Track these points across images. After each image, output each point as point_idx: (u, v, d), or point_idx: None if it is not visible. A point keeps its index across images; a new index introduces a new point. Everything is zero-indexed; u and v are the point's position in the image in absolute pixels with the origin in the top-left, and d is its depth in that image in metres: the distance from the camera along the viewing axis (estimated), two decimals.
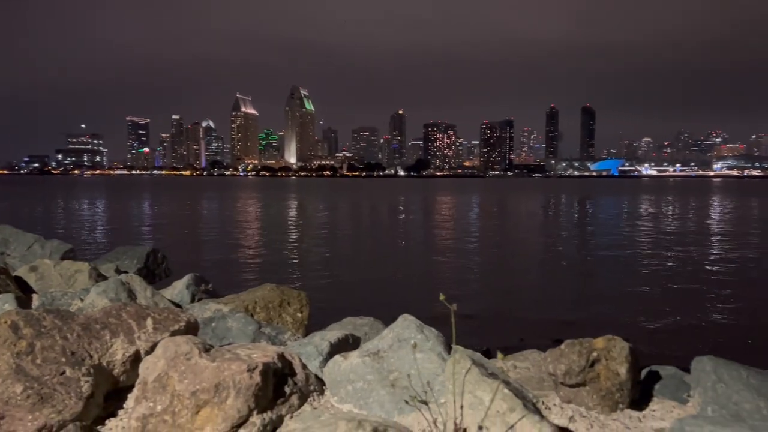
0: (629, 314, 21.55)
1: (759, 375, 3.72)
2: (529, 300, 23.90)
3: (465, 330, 17.97)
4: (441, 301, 2.92)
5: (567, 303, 23.35)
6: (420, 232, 51.71)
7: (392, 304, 18.70)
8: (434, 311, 21.12)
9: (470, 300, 23.48)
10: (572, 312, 21.72)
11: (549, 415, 3.75)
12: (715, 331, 19.22)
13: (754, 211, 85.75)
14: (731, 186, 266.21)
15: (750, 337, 18.58)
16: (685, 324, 20.11)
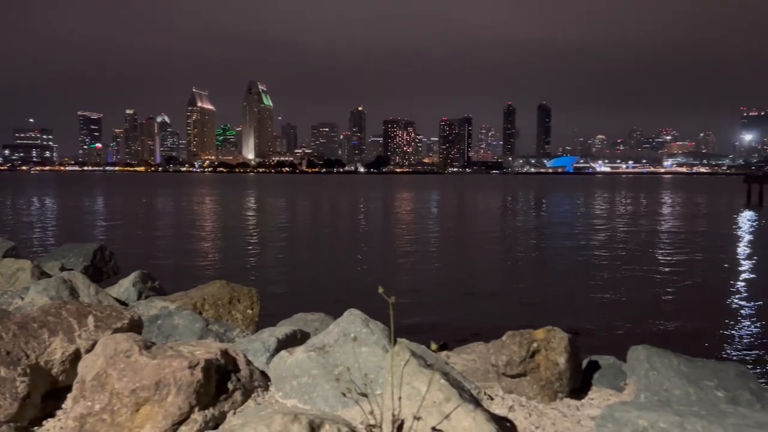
0: (574, 305, 22.16)
1: (689, 363, 3.86)
2: (481, 293, 24.29)
3: (419, 324, 18.15)
4: (380, 294, 2.94)
5: (517, 296, 23.83)
6: (378, 229, 51.86)
7: (346, 300, 18.67)
8: (387, 306, 21.12)
9: (425, 294, 23.72)
10: (521, 304, 22.20)
11: (491, 405, 3.83)
12: (653, 320, 19.94)
13: (700, 207, 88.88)
14: (680, 182, 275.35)
15: (685, 326, 19.34)
16: (625, 314, 20.79)
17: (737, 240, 44.12)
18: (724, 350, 16.78)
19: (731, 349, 16.93)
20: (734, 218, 64.81)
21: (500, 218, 66.92)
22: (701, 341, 17.46)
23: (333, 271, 28.59)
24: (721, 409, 2.94)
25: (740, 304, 22.69)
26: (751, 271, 30.30)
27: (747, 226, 55.81)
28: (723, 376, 3.75)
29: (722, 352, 16.46)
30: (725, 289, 25.47)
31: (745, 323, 19.83)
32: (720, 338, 17.98)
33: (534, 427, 3.45)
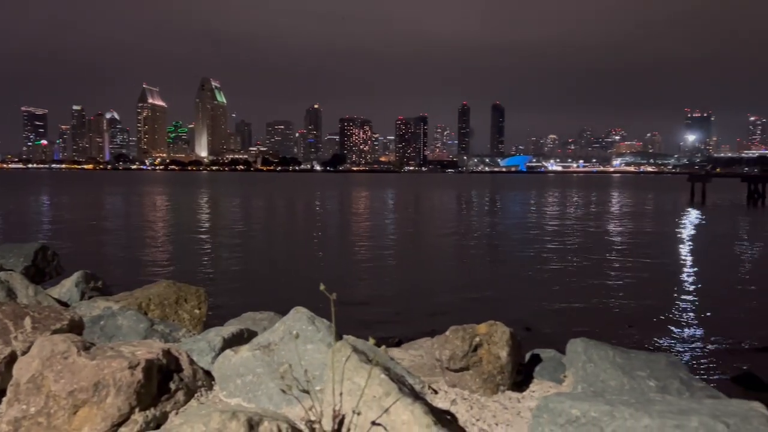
0: (522, 300, 22.66)
1: (624, 354, 4.01)
2: (433, 290, 24.57)
3: (370, 320, 18.23)
4: (322, 291, 2.96)
5: (468, 292, 24.18)
6: (333, 227, 51.73)
7: (297, 298, 18.57)
8: (343, 303, 21.11)
9: (378, 291, 23.84)
10: (472, 300, 22.56)
11: (434, 399, 3.89)
12: (596, 314, 20.59)
13: (646, 205, 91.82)
14: (628, 181, 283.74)
15: (624, 319, 20.03)
16: (570, 308, 21.38)
17: (680, 237, 45.77)
18: (658, 342, 17.41)
19: (664, 341, 17.59)
20: (679, 216, 67.19)
21: (454, 216, 67.65)
22: (638, 333, 18.11)
23: (285, 270, 28.40)
24: (650, 397, 3.07)
25: (677, 297, 23.55)
26: (689, 267, 31.49)
27: (690, 224, 57.95)
28: (655, 366, 3.92)
29: (656, 343, 17.06)
30: (665, 283, 26.40)
31: (679, 316, 20.61)
32: (655, 330, 18.65)
33: (475, 420, 3.52)
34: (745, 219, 64.69)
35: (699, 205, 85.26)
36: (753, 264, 32.40)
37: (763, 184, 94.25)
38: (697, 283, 27.02)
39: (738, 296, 23.84)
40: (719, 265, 31.51)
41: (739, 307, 21.93)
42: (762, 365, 15.12)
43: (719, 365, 15.64)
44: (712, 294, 24.34)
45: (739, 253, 36.88)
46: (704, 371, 15.24)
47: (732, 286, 25.93)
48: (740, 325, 19.02)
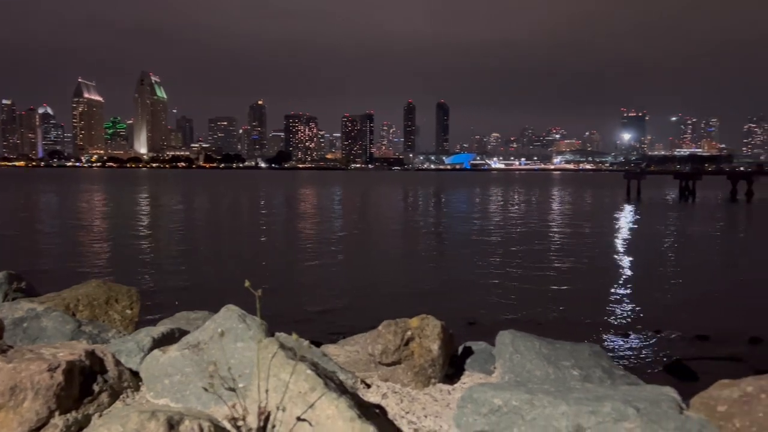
0: (458, 293, 23.13)
1: (549, 345, 4.14)
2: (373, 285, 24.75)
3: (311, 317, 18.25)
4: (248, 288, 2.93)
5: (407, 287, 24.48)
6: (276, 225, 51.22)
7: (234, 297, 18.41)
8: (284, 301, 21.07)
9: (318, 288, 23.84)
10: (410, 294, 22.87)
11: (366, 393, 3.91)
12: (530, 306, 21.24)
13: (585, 201, 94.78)
14: (568, 178, 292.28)
15: (558, 311, 20.72)
16: (505, 301, 21.96)
17: (615, 232, 47.47)
18: (592, 333, 18.03)
19: (600, 333, 18.25)
20: (615, 212, 69.66)
21: (399, 214, 68.10)
22: (573, 325, 18.76)
23: (225, 268, 27.93)
24: (570, 386, 3.18)
25: (612, 290, 24.45)
26: (623, 261, 32.72)
27: (625, 219, 60.19)
28: (579, 356, 4.06)
29: (590, 335, 17.64)
30: (600, 276, 27.36)
31: (614, 308, 21.41)
32: (590, 322, 19.34)
33: (404, 413, 3.56)
34: (677, 214, 67.68)
35: (634, 202, 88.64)
36: (683, 257, 33.94)
37: (693, 181, 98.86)
38: (631, 276, 28.10)
39: (670, 288, 24.93)
40: (651, 259, 32.86)
41: (670, 298, 22.95)
42: (691, 354, 15.87)
43: (652, 355, 16.32)
44: (645, 286, 25.37)
45: (671, 247, 38.57)
46: (637, 361, 15.87)
47: (664, 278, 27.09)
48: (671, 316, 19.89)
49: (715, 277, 27.86)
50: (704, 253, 35.62)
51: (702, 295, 23.70)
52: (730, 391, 3.61)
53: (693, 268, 30.25)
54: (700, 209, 76.00)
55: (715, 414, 3.54)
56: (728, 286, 25.57)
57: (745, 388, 3.57)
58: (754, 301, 22.65)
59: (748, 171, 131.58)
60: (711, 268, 30.36)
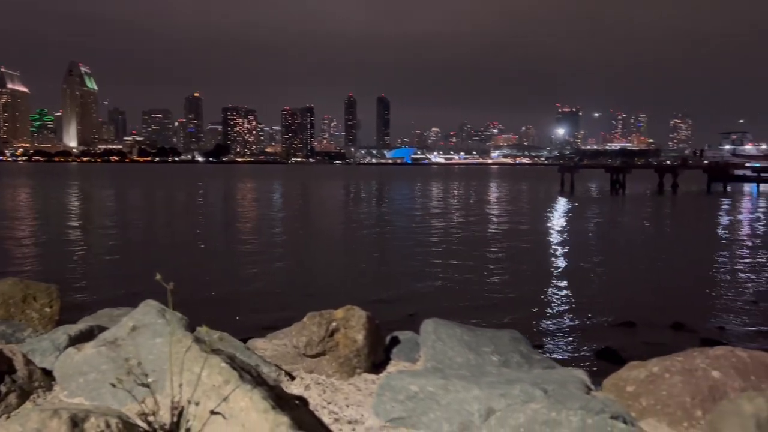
0: (391, 283, 23.42)
1: (471, 332, 4.23)
2: (308, 279, 24.72)
3: (242, 311, 18.05)
4: (158, 280, 2.87)
5: (339, 279, 24.57)
6: (211, 220, 50.23)
7: (162, 293, 18.01)
8: (215, 295, 20.73)
9: (253, 282, 23.60)
10: (342, 286, 22.97)
11: (289, 386, 3.90)
12: (461, 295, 21.77)
13: (522, 194, 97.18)
14: (505, 172, 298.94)
15: (484, 300, 21.28)
16: (436, 290, 22.40)
17: (549, 224, 48.92)
18: (515, 320, 18.56)
19: (521, 319, 18.80)
20: (549, 204, 71.76)
21: (336, 207, 67.98)
22: (498, 312, 19.39)
23: (154, 263, 27.15)
24: (486, 370, 3.27)
25: (545, 279, 25.20)
26: (556, 251, 33.79)
27: (559, 211, 62.11)
28: (499, 342, 4.17)
29: (513, 321, 18.12)
30: (532, 266, 28.17)
31: (538, 295, 22.11)
32: (515, 309, 19.96)
33: (326, 403, 3.57)
34: (607, 206, 70.35)
35: (568, 194, 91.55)
36: (612, 248, 35.33)
37: (623, 175, 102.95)
38: (562, 265, 29.05)
39: (599, 277, 25.91)
40: (582, 249, 34.05)
41: (600, 287, 23.87)
42: (618, 340, 16.55)
43: (582, 342, 16.91)
44: (576, 275, 26.27)
45: (601, 238, 40.08)
46: (567, 348, 16.43)
47: (594, 267, 28.12)
48: (601, 304, 20.68)
49: (642, 266, 29.12)
50: (632, 243, 37.19)
51: (629, 283, 24.76)
52: (638, 372, 3.80)
53: (621, 257, 31.55)
54: (630, 201, 79.27)
55: (624, 394, 3.72)
56: (654, 274, 26.80)
57: (652, 369, 3.76)
58: (678, 288, 23.85)
59: (674, 165, 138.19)
60: (638, 258, 31.72)
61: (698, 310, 20.09)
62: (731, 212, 62.84)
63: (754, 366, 3.49)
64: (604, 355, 15.28)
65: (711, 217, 56.68)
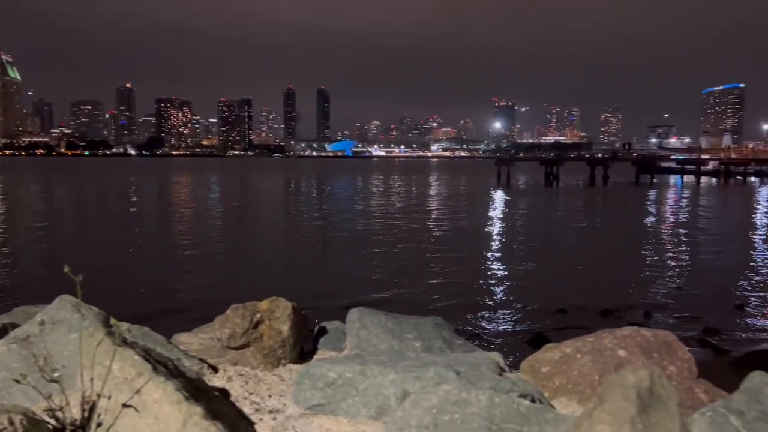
0: (318, 275, 23.53)
1: (395, 319, 4.31)
2: (241, 273, 24.43)
3: (169, 305, 17.68)
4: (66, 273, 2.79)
5: (273, 272, 24.41)
6: (141, 214, 48.76)
7: (88, 291, 17.41)
8: (143, 290, 20.20)
9: (182, 276, 23.14)
10: (274, 278, 22.84)
11: (212, 378, 3.86)
12: (385, 285, 22.02)
13: (460, 187, 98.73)
14: (445, 165, 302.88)
15: (417, 289, 21.64)
16: (365, 281, 22.56)
17: (485, 215, 49.95)
18: (441, 306, 18.96)
19: (447, 305, 19.23)
20: (486, 196, 73.25)
21: (273, 201, 67.27)
22: (430, 301, 19.74)
23: (79, 260, 26.17)
24: (405, 355, 3.34)
25: (474, 266, 25.78)
26: (491, 241, 34.56)
27: (495, 203, 63.51)
28: (422, 329, 4.27)
29: (446, 309, 18.47)
30: (468, 256, 28.72)
31: (473, 284, 22.60)
32: (450, 298, 20.35)
33: (248, 394, 3.56)
34: (542, 198, 72.41)
35: (504, 186, 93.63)
36: (545, 237, 36.43)
37: (557, 167, 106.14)
38: (498, 255, 29.74)
39: (532, 266, 26.67)
40: (516, 240, 34.96)
41: (533, 275, 24.57)
42: (550, 326, 17.10)
43: (516, 328, 17.39)
44: (510, 264, 26.95)
45: (535, 228, 41.23)
46: (501, 335, 16.85)
47: (528, 257, 28.92)
48: (534, 292, 21.30)
49: (574, 255, 30.16)
50: (565, 233, 38.46)
51: (562, 271, 25.61)
52: (552, 354, 3.97)
53: (554, 247, 32.58)
54: (563, 193, 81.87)
55: (539, 375, 3.88)
56: (585, 263, 27.80)
57: (565, 350, 3.94)
58: (608, 275, 24.83)
59: (605, 157, 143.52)
60: (571, 247, 32.85)
61: (626, 296, 20.99)
62: (658, 203, 65.93)
63: (657, 344, 3.72)
64: (534, 340, 15.78)
65: (639, 207, 59.26)
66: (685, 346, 3.76)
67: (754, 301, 20.82)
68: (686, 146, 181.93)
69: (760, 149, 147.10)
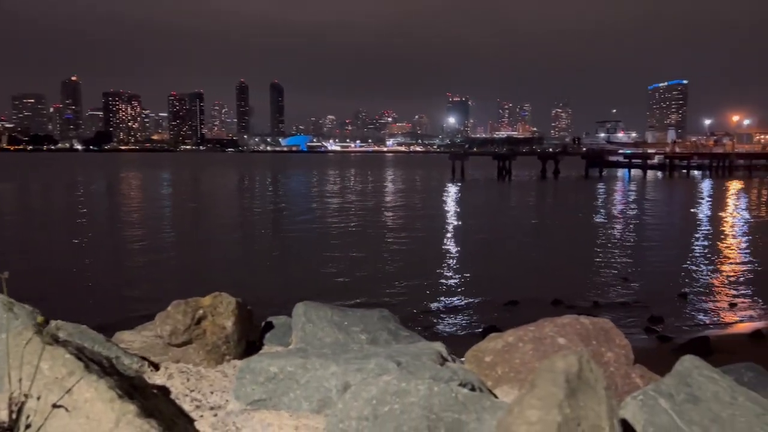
0: (267, 270, 23.48)
1: (341, 312, 4.30)
2: (184, 269, 24.14)
3: (114, 305, 17.33)
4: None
5: (227, 267, 24.21)
6: (91, 213, 47.37)
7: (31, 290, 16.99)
8: (82, 289, 19.68)
9: (124, 274, 22.69)
10: (223, 274, 22.66)
11: (153, 376, 3.78)
12: (337, 279, 22.15)
13: (416, 181, 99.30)
14: (400, 160, 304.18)
15: (363, 282, 21.80)
16: (315, 276, 22.65)
17: (439, 209, 50.45)
18: (394, 299, 19.14)
19: (390, 297, 19.43)
20: (441, 190, 73.91)
21: (225, 196, 66.32)
22: (379, 292, 19.93)
23: (21, 260, 25.34)
24: (348, 348, 3.34)
25: (429, 260, 26.05)
26: (445, 234, 34.97)
27: (450, 197, 64.17)
28: (368, 321, 4.26)
29: (402, 304, 18.65)
30: (421, 249, 29.02)
31: (429, 277, 22.86)
32: (404, 291, 20.56)
33: (189, 391, 3.50)
34: (495, 192, 73.54)
35: (459, 181, 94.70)
36: (498, 230, 37.03)
37: (509, 162, 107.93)
38: (451, 249, 30.10)
39: (485, 259, 27.09)
40: (470, 233, 35.44)
41: (486, 268, 24.96)
42: (502, 318, 17.41)
43: (470, 321, 17.63)
44: (464, 258, 27.31)
45: (488, 222, 41.87)
46: (455, 328, 17.05)
47: (481, 250, 29.36)
48: (487, 285, 21.65)
49: (526, 248, 30.77)
50: (518, 226, 39.17)
51: (514, 264, 26.11)
52: (495, 343, 4.03)
53: (507, 240, 33.15)
54: (516, 187, 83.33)
55: (482, 364, 3.93)
56: (537, 255, 28.41)
57: (507, 339, 4.00)
58: (559, 267, 25.44)
59: (556, 152, 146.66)
60: (523, 240, 33.48)
61: (577, 287, 21.56)
62: (606, 196, 67.79)
63: (595, 332, 3.81)
64: (486, 331, 16.04)
65: (589, 200, 60.83)
66: (622, 333, 3.87)
67: (696, 289, 21.70)
68: (633, 141, 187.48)
69: (702, 144, 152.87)
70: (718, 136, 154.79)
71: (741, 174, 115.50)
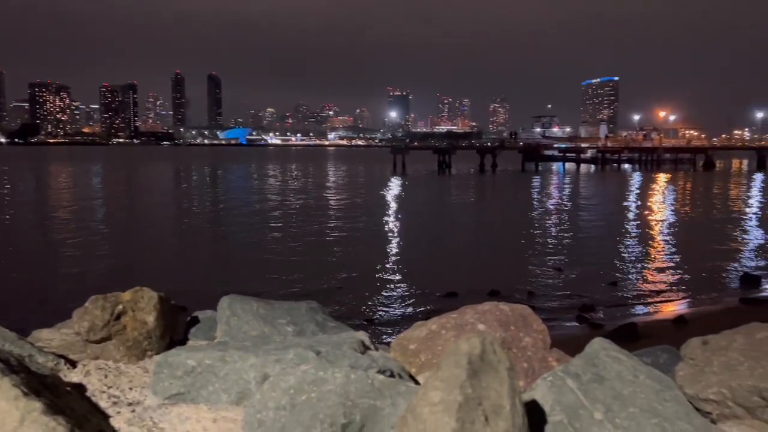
0: (196, 265, 23.19)
1: (267, 305, 4.27)
2: (109, 265, 23.51)
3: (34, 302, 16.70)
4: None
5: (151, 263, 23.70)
6: (16, 210, 45.23)
7: None
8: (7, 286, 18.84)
9: (45, 271, 21.96)
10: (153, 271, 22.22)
11: (69, 374, 3.66)
12: (261, 272, 22.11)
13: (358, 175, 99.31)
14: (342, 154, 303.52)
15: (289, 273, 21.80)
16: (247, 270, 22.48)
17: (380, 202, 50.66)
18: (317, 291, 19.19)
19: (325, 290, 19.51)
20: (383, 184, 74.21)
21: (159, 191, 64.58)
22: (304, 285, 19.96)
23: None
24: (270, 339, 3.33)
25: (369, 253, 26.19)
26: (383, 227, 35.16)
27: (391, 190, 64.51)
28: (295, 313, 4.26)
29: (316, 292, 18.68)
30: (360, 242, 29.12)
31: (371, 270, 22.99)
32: (343, 284, 20.60)
33: (107, 387, 3.42)
34: (435, 185, 74.43)
35: (400, 174, 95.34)
36: (437, 223, 37.54)
37: (449, 156, 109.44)
38: (391, 241, 30.31)
39: (425, 251, 27.42)
40: (410, 225, 35.79)
41: (426, 260, 25.27)
42: (441, 309, 17.63)
43: (406, 313, 17.80)
44: (403, 250, 27.55)
45: (428, 214, 42.38)
46: (383, 317, 17.19)
47: (421, 242, 29.69)
48: (425, 276, 21.92)
49: (464, 240, 31.30)
50: (457, 219, 39.81)
51: (453, 256, 26.51)
52: (419, 331, 4.10)
53: (446, 232, 33.65)
54: (455, 180, 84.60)
55: (407, 352, 4.00)
56: (475, 247, 28.96)
57: (431, 327, 4.09)
58: (496, 259, 26.03)
59: (494, 146, 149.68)
60: (461, 232, 34.05)
61: (513, 277, 22.12)
62: (542, 189, 69.73)
63: (514, 317, 3.94)
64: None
65: (525, 193, 62.44)
66: (540, 319, 4.02)
67: (626, 278, 22.65)
68: (567, 135, 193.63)
69: (633, 138, 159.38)
70: (646, 131, 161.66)
71: (668, 167, 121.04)
